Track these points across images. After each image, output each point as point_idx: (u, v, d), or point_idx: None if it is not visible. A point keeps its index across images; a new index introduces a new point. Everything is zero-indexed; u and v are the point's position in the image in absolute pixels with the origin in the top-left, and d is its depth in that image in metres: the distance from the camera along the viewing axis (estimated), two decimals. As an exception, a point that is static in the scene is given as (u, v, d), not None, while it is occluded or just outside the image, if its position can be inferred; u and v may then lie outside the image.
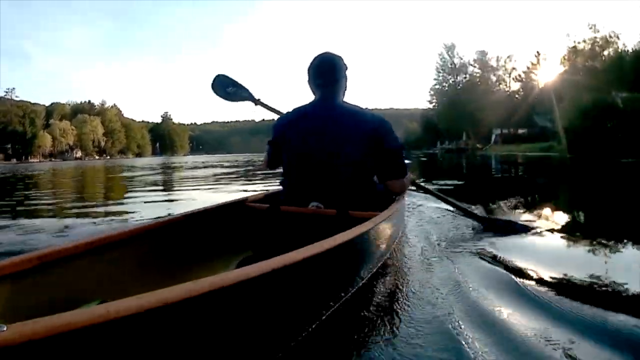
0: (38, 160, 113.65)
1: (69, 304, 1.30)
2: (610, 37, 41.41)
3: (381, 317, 2.02)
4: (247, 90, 4.20)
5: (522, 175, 12.98)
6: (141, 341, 1.03)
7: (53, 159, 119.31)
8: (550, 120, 48.75)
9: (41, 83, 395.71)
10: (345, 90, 2.89)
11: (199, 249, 2.49)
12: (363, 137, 2.64)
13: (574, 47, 44.40)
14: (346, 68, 2.87)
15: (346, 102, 2.82)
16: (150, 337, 1.05)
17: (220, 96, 4.19)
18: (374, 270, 2.57)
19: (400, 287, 2.45)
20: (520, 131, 60.08)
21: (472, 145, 61.83)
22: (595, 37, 42.48)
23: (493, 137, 60.94)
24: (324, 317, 1.87)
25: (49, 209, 6.99)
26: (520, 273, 2.62)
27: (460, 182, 9.19)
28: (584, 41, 43.57)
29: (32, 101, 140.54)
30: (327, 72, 2.78)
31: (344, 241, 1.84)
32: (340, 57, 2.85)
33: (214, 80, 4.20)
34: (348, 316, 2.00)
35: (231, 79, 4.24)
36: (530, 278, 2.54)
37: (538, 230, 3.85)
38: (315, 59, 2.82)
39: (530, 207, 5.36)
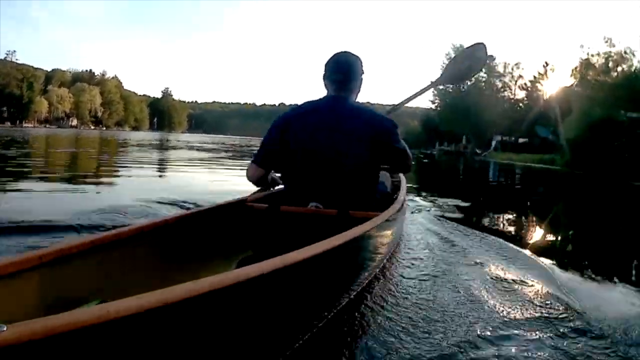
0: (32, 126, 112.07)
1: (69, 304, 1.32)
2: (626, 52, 39.89)
3: (383, 317, 2.07)
4: None
5: (525, 190, 12.39)
6: (141, 341, 1.03)
7: (48, 126, 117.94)
8: (553, 132, 48.27)
9: (47, 50, 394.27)
10: (359, 92, 2.91)
11: (199, 249, 2.48)
12: (372, 137, 2.64)
13: (587, 59, 42.86)
14: (363, 72, 2.89)
15: (356, 102, 2.86)
16: (151, 337, 1.05)
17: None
18: (376, 270, 2.66)
19: (402, 287, 2.52)
20: (521, 140, 59.62)
21: (471, 149, 61.27)
22: (610, 52, 40.87)
23: (493, 143, 60.19)
24: (325, 317, 1.90)
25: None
26: (520, 274, 2.85)
27: (465, 204, 7.40)
28: (598, 54, 41.97)
29: (36, 66, 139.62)
30: (343, 70, 2.79)
31: (345, 241, 1.84)
32: (359, 58, 2.89)
33: None
34: (349, 316, 2.05)
35: None
36: (527, 277, 2.77)
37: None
38: (334, 55, 2.87)
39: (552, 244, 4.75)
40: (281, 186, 3.03)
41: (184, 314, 1.10)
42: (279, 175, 3.06)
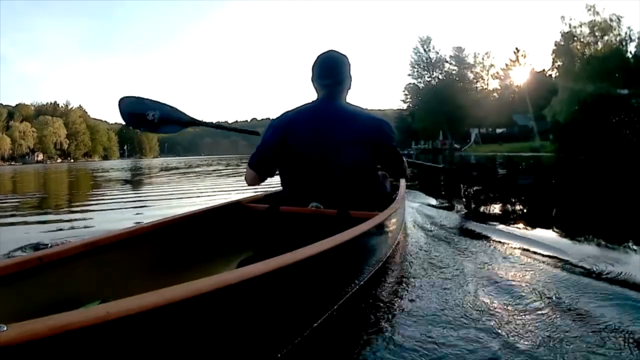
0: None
1: (69, 304, 1.39)
2: (611, 20, 37.18)
3: (382, 317, 2.06)
4: (180, 112, 3.31)
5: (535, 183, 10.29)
6: (141, 341, 1.04)
7: (13, 163, 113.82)
8: (531, 119, 47.06)
9: (12, 84, 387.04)
10: (349, 89, 2.91)
11: (199, 250, 2.50)
12: (363, 138, 2.67)
13: (569, 32, 39.99)
14: (350, 66, 2.90)
15: (349, 103, 2.87)
16: (151, 337, 1.07)
17: (139, 128, 3.29)
18: (375, 269, 2.63)
19: (401, 286, 2.50)
20: (499, 130, 58.66)
21: (449, 145, 59.66)
22: (595, 20, 38.12)
23: (472, 136, 59.03)
24: (325, 317, 1.91)
25: None
26: (523, 269, 2.76)
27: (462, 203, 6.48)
28: (581, 25, 39.10)
29: (4, 103, 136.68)
30: (331, 71, 2.82)
31: (345, 241, 1.86)
32: (345, 55, 2.89)
33: (120, 107, 3.22)
34: (349, 316, 2.04)
35: (148, 101, 3.22)
36: (530, 274, 2.65)
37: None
38: (319, 57, 2.87)
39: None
40: (279, 187, 3.05)
41: (184, 314, 1.11)
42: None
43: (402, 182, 4.09)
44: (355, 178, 2.69)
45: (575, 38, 38.66)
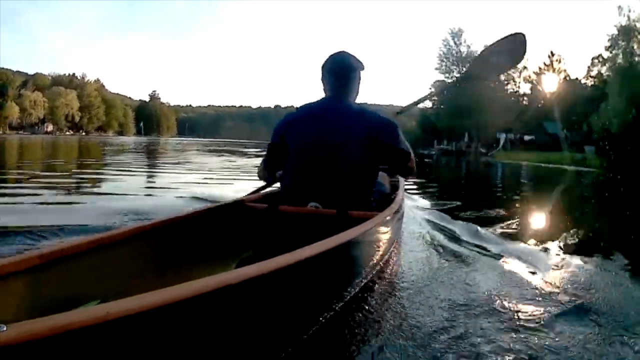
0: (2, 132, 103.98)
1: (69, 304, 1.38)
2: None
3: (382, 317, 2.07)
4: None
5: None
6: (141, 341, 1.05)
7: (21, 132, 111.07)
8: (561, 127, 43.22)
9: (40, 55, 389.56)
10: (358, 91, 2.89)
11: (198, 249, 2.47)
12: (367, 137, 2.63)
13: (627, 25, 34.34)
14: (362, 68, 2.87)
15: (355, 103, 2.84)
16: (151, 337, 1.07)
17: None
18: (375, 269, 2.64)
19: (401, 286, 2.51)
20: (527, 138, 54.18)
21: (474, 148, 55.01)
22: None
23: (501, 141, 54.26)
24: (325, 317, 1.91)
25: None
26: (521, 270, 2.84)
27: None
28: None
29: (29, 72, 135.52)
30: (341, 72, 2.79)
31: (345, 241, 1.86)
32: (355, 57, 2.85)
33: None
34: (349, 316, 2.04)
35: None
36: (528, 276, 2.72)
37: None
38: (330, 57, 2.83)
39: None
40: (278, 185, 3.00)
41: (184, 314, 1.12)
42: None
43: (402, 183, 4.03)
44: (355, 178, 2.65)
45: (637, 33, 33.31)
